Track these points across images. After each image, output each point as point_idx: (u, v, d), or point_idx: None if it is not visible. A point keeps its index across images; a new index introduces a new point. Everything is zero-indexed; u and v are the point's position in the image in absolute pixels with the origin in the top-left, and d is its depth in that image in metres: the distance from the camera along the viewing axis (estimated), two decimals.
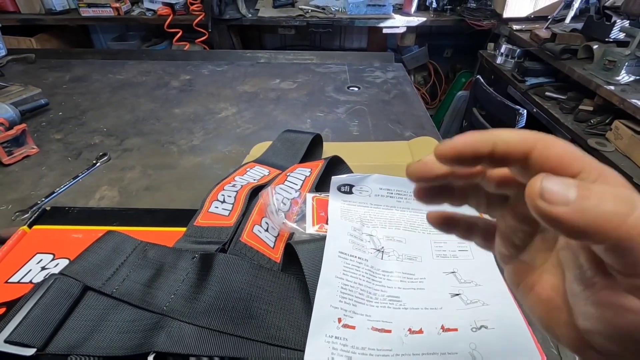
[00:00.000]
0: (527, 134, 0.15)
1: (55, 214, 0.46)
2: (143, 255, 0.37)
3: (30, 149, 0.66)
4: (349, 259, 0.36)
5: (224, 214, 0.42)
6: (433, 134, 0.74)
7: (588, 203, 0.12)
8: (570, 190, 0.12)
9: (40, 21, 1.84)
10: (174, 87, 0.94)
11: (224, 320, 0.31)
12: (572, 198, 0.12)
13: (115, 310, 0.33)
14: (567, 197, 0.12)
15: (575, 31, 1.45)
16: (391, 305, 0.33)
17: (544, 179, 0.13)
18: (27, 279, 0.37)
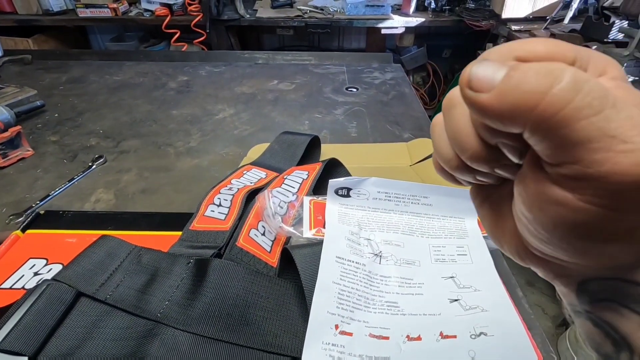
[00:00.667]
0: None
1: (49, 218, 0.46)
2: (137, 260, 0.36)
3: (26, 151, 0.66)
4: (347, 264, 0.36)
5: (220, 218, 0.42)
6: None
7: (509, 83, 0.11)
8: (498, 73, 0.11)
9: (37, 22, 1.84)
10: (172, 89, 0.93)
11: (219, 327, 0.30)
12: (497, 81, 0.11)
13: (109, 316, 0.32)
14: (493, 80, 0.11)
15: (574, 32, 1.45)
16: (389, 311, 0.33)
17: (474, 64, 0.12)
18: (19, 284, 0.36)
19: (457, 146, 0.15)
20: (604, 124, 0.10)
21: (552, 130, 0.11)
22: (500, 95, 0.11)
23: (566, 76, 0.11)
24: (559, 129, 0.11)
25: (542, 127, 0.11)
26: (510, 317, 0.32)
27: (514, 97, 0.11)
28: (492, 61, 0.12)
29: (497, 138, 0.13)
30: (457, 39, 2.22)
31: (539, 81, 0.11)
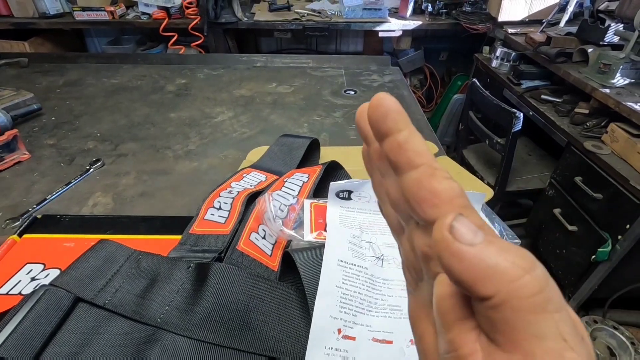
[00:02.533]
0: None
1: (47, 222, 0.45)
2: (137, 264, 0.36)
3: (22, 154, 0.65)
4: (349, 267, 0.35)
5: (220, 222, 0.41)
6: (431, 137, 0.73)
7: (491, 249, 0.11)
8: (479, 235, 0.12)
9: (33, 25, 1.83)
10: (170, 91, 0.93)
11: (220, 332, 0.30)
12: (479, 241, 0.12)
13: (108, 322, 0.32)
14: (475, 238, 0.12)
15: (570, 35, 1.46)
16: (392, 315, 0.33)
17: (455, 218, 0.12)
18: (16, 290, 0.36)
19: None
20: (561, 325, 0.11)
21: (517, 312, 0.11)
22: (481, 255, 0.11)
23: (538, 267, 0.11)
24: (524, 313, 0.11)
25: (509, 305, 0.11)
26: None
27: (493, 262, 0.11)
28: (470, 223, 0.12)
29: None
30: (454, 41, 2.23)
31: (519, 260, 0.11)
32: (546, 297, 0.11)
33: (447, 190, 0.14)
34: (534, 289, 0.11)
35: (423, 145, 0.15)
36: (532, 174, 1.55)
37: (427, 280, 0.15)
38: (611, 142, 1.16)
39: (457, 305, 0.13)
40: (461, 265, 0.11)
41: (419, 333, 0.16)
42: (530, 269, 0.11)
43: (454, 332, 0.12)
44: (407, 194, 0.14)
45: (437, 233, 0.12)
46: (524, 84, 1.56)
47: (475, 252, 0.11)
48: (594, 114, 1.27)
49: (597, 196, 1.15)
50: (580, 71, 1.33)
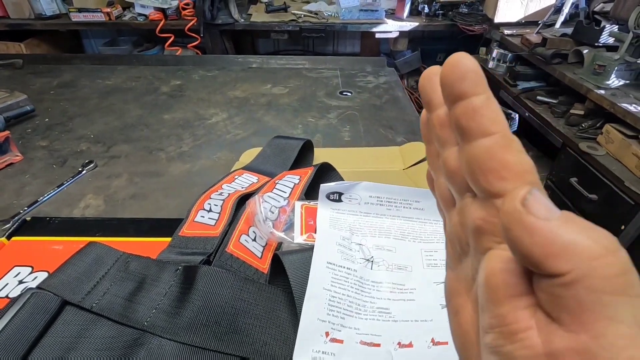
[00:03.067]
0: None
1: (36, 225, 0.45)
2: (125, 267, 0.36)
3: (14, 156, 0.65)
4: (338, 270, 0.35)
5: (210, 224, 0.41)
6: None
7: (570, 227, 0.11)
8: (554, 211, 0.11)
9: (29, 26, 1.82)
10: (164, 93, 0.93)
11: (206, 335, 0.29)
12: (555, 217, 0.11)
13: (95, 326, 0.32)
14: (550, 213, 0.11)
15: (565, 36, 1.46)
16: (380, 318, 0.33)
17: (529, 191, 0.12)
18: (3, 293, 0.35)
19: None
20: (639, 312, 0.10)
21: (594, 291, 0.10)
22: (556, 231, 0.11)
23: (621, 251, 0.11)
24: (602, 293, 0.10)
25: (587, 283, 0.10)
26: None
27: (570, 239, 0.11)
28: (547, 200, 0.11)
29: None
30: (451, 43, 2.23)
31: (598, 241, 0.11)
32: (628, 280, 0.10)
33: (519, 164, 0.13)
34: (617, 270, 0.10)
35: (500, 113, 0.13)
36: None
37: (474, 255, 0.14)
38: (606, 143, 1.16)
39: (510, 281, 0.12)
40: (532, 239, 0.11)
41: (455, 307, 0.16)
42: (614, 250, 0.10)
43: (505, 308, 0.12)
44: (474, 163, 0.13)
45: (509, 205, 0.11)
46: (519, 85, 1.56)
47: (551, 227, 0.11)
48: (589, 115, 1.27)
49: (592, 197, 1.15)
50: (575, 72, 1.33)
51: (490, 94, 0.14)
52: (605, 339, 0.10)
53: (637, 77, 1.24)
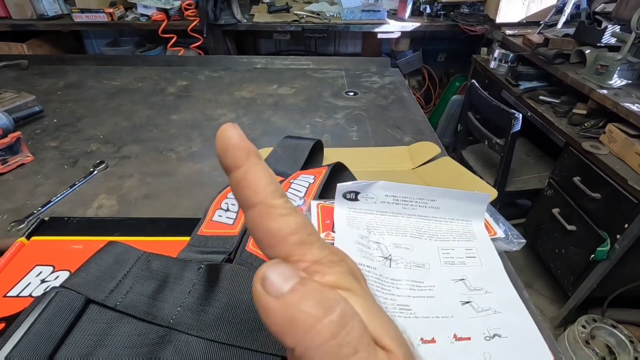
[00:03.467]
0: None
1: (54, 225, 0.45)
2: (147, 266, 0.36)
3: (25, 157, 0.65)
4: (358, 267, 0.36)
5: (229, 223, 0.41)
6: (432, 138, 0.74)
7: (292, 298, 0.11)
8: (288, 283, 0.12)
9: (32, 27, 1.82)
10: (171, 93, 0.93)
11: (232, 332, 0.30)
12: (287, 289, 0.12)
13: (120, 323, 0.32)
14: (282, 289, 0.12)
15: (567, 36, 1.47)
16: (402, 315, 0.33)
17: (270, 266, 0.12)
18: (26, 292, 0.36)
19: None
20: None
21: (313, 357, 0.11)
22: (284, 307, 0.11)
23: (337, 309, 0.11)
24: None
25: (308, 355, 0.11)
26: (523, 318, 0.32)
27: (292, 314, 0.11)
28: (287, 268, 0.12)
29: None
30: (452, 43, 2.25)
31: (316, 305, 0.11)
32: (339, 342, 0.11)
33: (281, 230, 0.13)
34: (325, 336, 0.11)
35: (263, 179, 0.14)
36: (530, 174, 1.57)
37: None
38: (609, 143, 1.17)
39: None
40: (268, 320, 0.12)
41: None
42: (324, 313, 0.11)
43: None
44: (251, 233, 0.14)
45: (254, 287, 0.12)
46: (522, 85, 1.57)
47: (280, 306, 0.11)
48: (592, 114, 1.28)
49: (595, 196, 1.16)
50: (577, 72, 1.34)
51: (252, 162, 0.14)
52: None
53: (639, 77, 1.25)
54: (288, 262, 0.13)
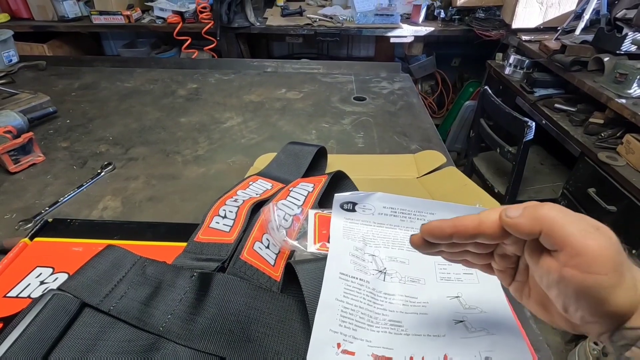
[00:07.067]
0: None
1: (58, 226, 0.46)
2: (142, 271, 0.36)
3: (37, 157, 0.67)
4: (350, 281, 0.35)
5: (225, 230, 0.42)
6: (439, 147, 0.73)
7: (522, 213, 0.24)
8: (518, 211, 0.24)
9: (52, 28, 1.88)
10: (181, 96, 0.94)
11: (220, 343, 0.30)
12: (518, 214, 0.24)
13: (112, 328, 0.32)
14: (516, 213, 0.24)
15: (585, 43, 1.43)
16: (392, 331, 0.32)
17: (507, 209, 0.25)
18: (25, 293, 0.37)
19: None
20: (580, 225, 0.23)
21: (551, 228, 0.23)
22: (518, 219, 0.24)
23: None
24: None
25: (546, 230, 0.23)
26: (518, 343, 0.31)
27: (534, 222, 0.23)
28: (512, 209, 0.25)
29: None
30: (467, 48, 2.21)
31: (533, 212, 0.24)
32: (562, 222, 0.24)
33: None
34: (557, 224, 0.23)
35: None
36: (544, 183, 1.53)
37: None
38: (626, 154, 1.13)
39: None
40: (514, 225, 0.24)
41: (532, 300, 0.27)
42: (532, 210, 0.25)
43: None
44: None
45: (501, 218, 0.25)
46: (537, 92, 1.53)
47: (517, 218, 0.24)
48: (609, 124, 1.24)
49: (611, 208, 1.12)
50: (595, 80, 1.30)
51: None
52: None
53: None
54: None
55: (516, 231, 0.23)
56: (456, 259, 0.29)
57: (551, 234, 0.22)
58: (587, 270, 0.21)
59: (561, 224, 0.22)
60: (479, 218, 0.25)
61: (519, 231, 0.23)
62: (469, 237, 0.25)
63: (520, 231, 0.23)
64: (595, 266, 0.21)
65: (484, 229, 0.25)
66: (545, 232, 0.22)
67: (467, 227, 0.25)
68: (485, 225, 0.25)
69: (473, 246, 0.27)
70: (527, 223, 0.23)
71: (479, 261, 0.28)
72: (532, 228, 0.23)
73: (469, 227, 0.25)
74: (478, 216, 0.25)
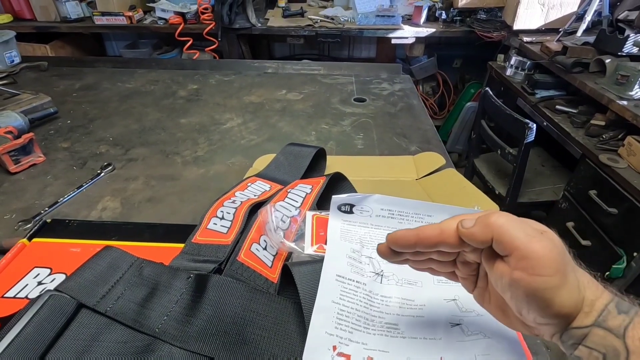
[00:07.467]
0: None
1: (56, 227, 0.46)
2: (139, 273, 0.36)
3: (37, 157, 0.67)
4: (347, 283, 0.35)
5: (222, 231, 0.42)
6: (439, 148, 0.73)
7: (475, 222, 0.25)
8: (472, 221, 0.25)
9: (55, 29, 1.89)
10: (181, 97, 0.94)
11: (216, 345, 0.30)
12: (472, 224, 0.25)
13: (108, 329, 0.32)
14: (471, 223, 0.25)
15: (587, 44, 1.43)
16: (389, 333, 0.32)
17: (463, 219, 0.26)
18: (23, 294, 0.37)
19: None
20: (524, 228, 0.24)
21: (500, 237, 0.24)
22: (472, 228, 0.25)
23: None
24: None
25: (496, 238, 0.24)
26: (514, 346, 0.31)
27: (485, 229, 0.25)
28: (468, 218, 0.26)
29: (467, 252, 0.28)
30: (468, 49, 2.21)
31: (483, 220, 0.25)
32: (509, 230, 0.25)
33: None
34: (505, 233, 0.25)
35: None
36: (544, 185, 1.52)
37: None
38: (628, 156, 1.13)
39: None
40: (468, 235, 0.25)
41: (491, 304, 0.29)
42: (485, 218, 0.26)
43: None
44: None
45: (459, 229, 0.26)
46: (538, 94, 1.53)
47: (471, 228, 0.25)
48: (611, 126, 1.24)
49: (612, 211, 1.12)
50: (597, 82, 1.30)
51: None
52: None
53: None
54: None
55: (471, 240, 0.25)
56: (422, 267, 0.30)
57: (501, 240, 0.23)
58: (533, 272, 0.22)
59: (508, 230, 0.23)
60: (440, 228, 0.26)
61: (473, 240, 0.25)
62: (432, 246, 0.26)
63: (474, 240, 0.25)
64: (540, 268, 0.22)
65: (444, 238, 0.26)
66: (495, 238, 0.24)
67: (429, 237, 0.26)
68: (446, 235, 0.26)
69: (437, 254, 0.28)
70: (480, 232, 0.24)
71: (443, 269, 0.29)
72: (484, 236, 0.24)
73: (431, 236, 0.26)
74: (439, 226, 0.26)
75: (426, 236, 0.26)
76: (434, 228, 0.26)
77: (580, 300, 0.23)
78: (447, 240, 0.26)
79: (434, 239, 0.26)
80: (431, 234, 0.26)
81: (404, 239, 0.27)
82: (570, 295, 0.22)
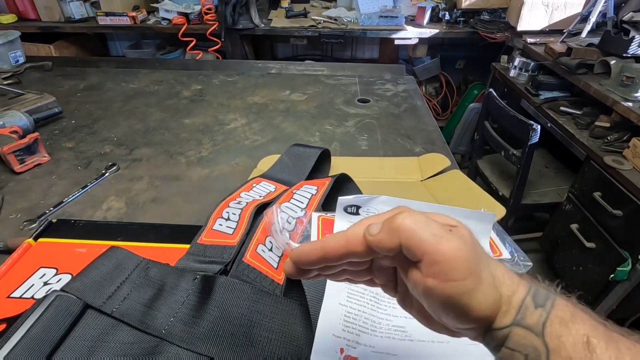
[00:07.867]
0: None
1: (62, 227, 0.46)
2: (145, 273, 0.36)
3: (42, 157, 0.67)
4: (353, 285, 0.35)
5: (228, 232, 0.42)
6: (443, 150, 0.73)
7: (382, 227, 0.22)
8: (378, 226, 0.22)
9: (59, 29, 1.89)
10: (185, 97, 0.94)
11: (222, 347, 0.30)
12: (379, 230, 0.22)
13: (114, 330, 0.32)
14: (377, 229, 0.22)
15: (591, 46, 1.42)
16: (396, 336, 0.32)
17: (370, 225, 0.23)
18: (29, 294, 0.37)
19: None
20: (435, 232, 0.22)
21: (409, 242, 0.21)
22: (379, 235, 0.22)
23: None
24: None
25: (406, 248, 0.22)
26: None
27: (392, 235, 0.22)
28: (377, 224, 0.23)
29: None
30: (471, 50, 2.20)
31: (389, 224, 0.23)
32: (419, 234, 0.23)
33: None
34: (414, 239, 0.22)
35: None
36: (548, 187, 1.51)
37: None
38: (633, 158, 1.12)
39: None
40: (376, 244, 0.23)
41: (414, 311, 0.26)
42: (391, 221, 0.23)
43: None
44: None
45: (365, 236, 0.23)
46: (542, 95, 1.52)
47: (378, 235, 0.23)
48: (615, 127, 1.23)
49: (616, 213, 1.11)
50: (601, 83, 1.29)
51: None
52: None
53: None
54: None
55: (380, 249, 0.22)
56: (338, 279, 0.27)
57: (409, 246, 0.21)
58: (445, 278, 0.20)
59: (414, 232, 0.21)
60: (345, 237, 0.23)
61: (382, 249, 0.22)
62: (339, 258, 0.24)
63: (383, 248, 0.22)
64: (451, 273, 0.20)
65: (351, 248, 0.23)
66: (403, 244, 0.21)
67: (335, 249, 0.23)
68: (352, 245, 0.23)
69: (348, 265, 0.25)
70: (387, 238, 0.22)
71: (360, 278, 0.27)
72: (391, 243, 0.21)
73: (337, 248, 0.23)
74: (345, 235, 0.23)
75: (331, 249, 0.23)
76: (340, 239, 0.23)
77: (497, 299, 0.21)
78: (355, 250, 0.23)
79: (340, 251, 0.23)
80: (336, 246, 0.23)
81: (307, 255, 0.24)
82: (486, 296, 0.21)
